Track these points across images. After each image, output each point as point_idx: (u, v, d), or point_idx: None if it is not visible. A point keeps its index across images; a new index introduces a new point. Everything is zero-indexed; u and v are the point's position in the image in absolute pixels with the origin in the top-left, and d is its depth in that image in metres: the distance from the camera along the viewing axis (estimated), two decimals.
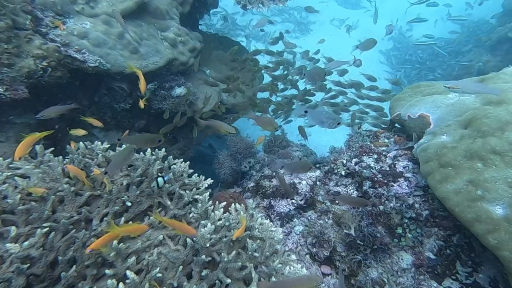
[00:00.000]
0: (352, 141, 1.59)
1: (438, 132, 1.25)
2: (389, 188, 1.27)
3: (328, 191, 1.43)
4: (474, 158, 1.09)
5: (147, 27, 2.22)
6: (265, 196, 1.52)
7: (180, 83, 2.45)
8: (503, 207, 0.92)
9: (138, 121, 2.63)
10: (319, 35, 8.52)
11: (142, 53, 2.12)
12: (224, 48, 3.49)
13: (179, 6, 2.43)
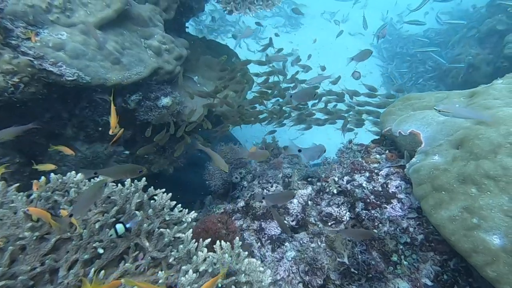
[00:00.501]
0: (343, 157, 1.55)
1: (429, 152, 1.22)
2: (382, 210, 1.24)
3: (321, 212, 1.38)
4: (468, 183, 1.06)
5: (129, 36, 2.11)
6: (255, 217, 1.47)
7: (166, 92, 2.35)
8: (500, 236, 0.90)
9: (124, 132, 2.53)
10: (310, 29, 8.43)
11: (124, 64, 2.01)
12: (212, 52, 3.40)
13: (163, 12, 2.32)
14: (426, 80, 6.07)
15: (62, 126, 2.19)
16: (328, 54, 7.34)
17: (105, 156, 2.50)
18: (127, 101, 2.24)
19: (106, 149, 2.51)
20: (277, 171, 2.04)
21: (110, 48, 1.93)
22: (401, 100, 1.54)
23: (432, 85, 5.86)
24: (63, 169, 2.36)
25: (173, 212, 1.23)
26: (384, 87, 6.72)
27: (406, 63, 6.79)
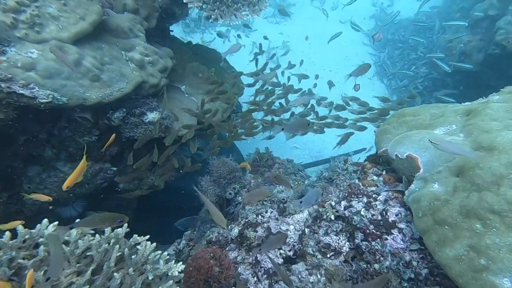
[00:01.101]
0: (340, 180, 1.48)
1: (429, 179, 1.17)
2: (383, 242, 1.18)
3: (319, 241, 1.32)
4: (471, 217, 1.00)
5: (108, 49, 1.97)
6: (250, 249, 1.39)
7: (152, 107, 2.23)
8: (511, 280, 0.85)
9: (110, 149, 2.40)
10: (300, 19, 8.20)
11: (105, 80, 1.88)
12: (200, 58, 3.26)
13: (143, 21, 2.18)
14: (418, 67, 5.95)
15: (41, 148, 2.05)
16: (320, 45, 7.14)
17: (90, 175, 2.37)
18: (111, 118, 2.11)
19: (91, 167, 2.38)
20: (272, 187, 1.97)
21: (88, 65, 1.79)
22: (395, 117, 1.47)
23: (424, 72, 5.80)
24: (45, 191, 2.23)
25: (159, 264, 1.12)
26: (377, 76, 6.57)
27: (398, 50, 6.65)
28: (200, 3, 2.09)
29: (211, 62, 3.49)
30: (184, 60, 2.96)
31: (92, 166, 2.37)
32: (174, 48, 2.94)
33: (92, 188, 2.42)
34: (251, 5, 2.25)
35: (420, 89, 5.74)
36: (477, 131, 1.19)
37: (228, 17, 2.14)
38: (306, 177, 2.50)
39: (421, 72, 5.90)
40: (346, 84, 5.91)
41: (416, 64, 6.06)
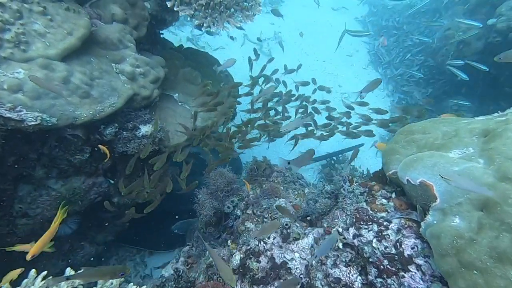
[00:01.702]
0: (346, 203, 1.44)
1: (448, 211, 1.07)
2: (400, 280, 1.12)
3: (327, 274, 1.28)
4: (504, 262, 0.89)
5: (97, 63, 1.89)
6: (253, 281, 1.35)
7: (145, 119, 2.17)
8: None
9: (102, 162, 2.33)
10: (292, 6, 7.86)
11: (95, 97, 1.81)
12: (192, 62, 3.19)
13: (133, 31, 2.10)
14: (414, 55, 5.72)
15: (31, 167, 1.98)
16: (313, 34, 6.86)
17: (83, 190, 2.31)
18: (103, 132, 2.04)
19: (84, 182, 2.32)
20: (272, 200, 1.95)
21: (77, 82, 1.72)
22: (402, 134, 1.39)
23: (420, 59, 5.53)
24: (37, 211, 2.16)
25: None
26: (372, 65, 6.31)
27: (393, 37, 6.33)
28: (191, 11, 2.03)
29: (204, 66, 3.41)
30: (176, 66, 2.89)
31: (85, 181, 2.31)
32: (165, 54, 2.86)
33: (86, 204, 2.36)
34: (244, 10, 2.20)
35: (416, 78, 5.50)
36: (499, 158, 1.08)
37: (221, 25, 2.08)
38: (306, 185, 2.49)
39: (417, 60, 5.65)
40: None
41: (412, 52, 5.80)
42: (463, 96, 4.59)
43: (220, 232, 2.25)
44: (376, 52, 6.31)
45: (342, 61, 6.32)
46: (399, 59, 5.98)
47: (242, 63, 4.44)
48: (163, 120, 2.39)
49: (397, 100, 5.58)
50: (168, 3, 2.04)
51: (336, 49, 5.62)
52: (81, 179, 2.29)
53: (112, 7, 1.96)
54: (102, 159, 2.31)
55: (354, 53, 6.54)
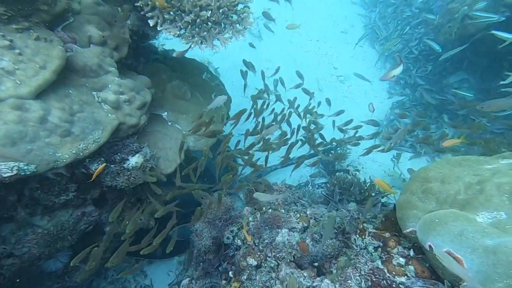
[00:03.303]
0: (359, 262, 1.33)
1: None
2: None
3: None
4: None
5: (77, 94, 1.72)
6: None
7: (133, 149, 2.02)
8: None
9: (91, 192, 2.19)
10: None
11: (77, 134, 1.65)
12: (179, 73, 3.00)
13: (113, 52, 1.91)
14: (413, 27, 5.30)
15: (11, 209, 1.82)
16: (304, 10, 6.31)
17: (72, 224, 2.17)
18: (88, 167, 1.89)
19: (72, 215, 2.18)
20: (274, 232, 1.88)
21: (55, 120, 1.55)
22: (418, 181, 1.27)
23: (420, 32, 5.14)
24: (23, 250, 2.02)
25: None
26: (369, 42, 5.86)
27: (391, 7, 5.76)
28: (177, 31, 1.85)
29: (193, 74, 3.23)
30: (163, 81, 2.71)
31: (73, 213, 2.17)
32: (150, 68, 2.67)
33: (76, 236, 2.24)
34: (234, 25, 2.03)
35: (415, 54, 5.10)
36: None
37: (210, 43, 1.92)
38: (309, 205, 2.42)
39: (416, 33, 5.21)
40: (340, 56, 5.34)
41: (411, 24, 5.34)
42: (464, 71, 4.35)
43: (220, 260, 2.18)
44: (373, 27, 5.74)
45: (337, 39, 5.90)
46: (397, 33, 5.47)
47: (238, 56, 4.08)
48: (152, 145, 2.24)
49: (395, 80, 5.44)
50: (150, 22, 1.86)
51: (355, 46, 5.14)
52: (68, 212, 2.14)
53: (88, 28, 1.76)
54: (90, 190, 2.17)
55: (349, 28, 6.03)
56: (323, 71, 5.45)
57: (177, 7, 1.84)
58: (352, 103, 5.17)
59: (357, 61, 5.61)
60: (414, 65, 5.12)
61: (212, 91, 3.20)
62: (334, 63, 5.61)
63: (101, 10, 1.76)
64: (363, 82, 5.28)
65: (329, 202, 3.24)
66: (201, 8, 1.86)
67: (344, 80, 5.37)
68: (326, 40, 5.91)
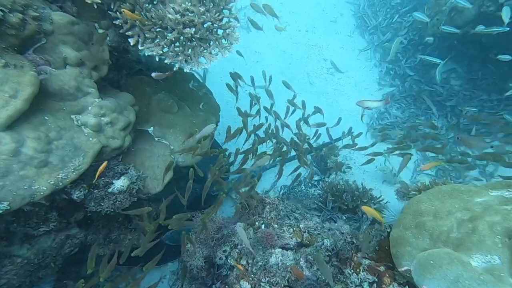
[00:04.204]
0: None
1: None
2: None
3: None
4: None
5: (54, 120, 1.61)
6: None
7: (118, 171, 1.94)
8: None
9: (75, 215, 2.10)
10: None
11: (55, 163, 1.55)
12: (164, 85, 2.89)
13: (92, 72, 1.81)
14: (402, 16, 5.26)
15: None
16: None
17: (55, 249, 2.08)
18: (70, 192, 1.80)
19: (55, 239, 2.08)
20: (268, 252, 1.84)
21: (30, 152, 1.45)
22: (411, 214, 1.25)
23: (408, 21, 5.08)
24: (1, 281, 1.92)
25: None
26: (358, 31, 5.72)
27: None
28: (159, 50, 1.76)
29: (179, 83, 3.12)
30: (147, 94, 2.60)
31: (56, 238, 2.08)
32: (133, 82, 2.55)
33: (60, 262, 2.15)
34: (220, 40, 1.95)
35: (404, 43, 5.03)
36: None
37: (196, 62, 1.84)
38: (302, 217, 2.40)
39: (405, 22, 5.15)
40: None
41: (400, 12, 5.27)
42: (452, 61, 4.36)
43: (213, 279, 2.14)
44: (362, 15, 5.65)
45: (326, 29, 5.77)
46: (386, 22, 5.42)
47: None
48: (139, 165, 2.16)
49: (385, 71, 5.21)
50: (131, 40, 1.76)
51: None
52: (50, 238, 2.05)
53: (63, 49, 1.65)
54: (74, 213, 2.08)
55: (338, 17, 5.88)
56: (313, 63, 5.35)
57: (159, 25, 1.75)
58: (342, 96, 5.12)
59: (346, 52, 5.51)
60: (403, 55, 5.06)
61: (200, 101, 3.10)
62: (324, 55, 5.49)
63: (77, 30, 1.65)
64: (353, 74, 5.27)
65: (322, 210, 3.25)
66: (184, 25, 1.77)
67: (334, 72, 5.31)
68: (315, 30, 5.75)
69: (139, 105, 2.42)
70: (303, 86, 5.20)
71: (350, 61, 5.40)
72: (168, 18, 1.72)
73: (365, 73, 5.30)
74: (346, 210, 3.12)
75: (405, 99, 4.85)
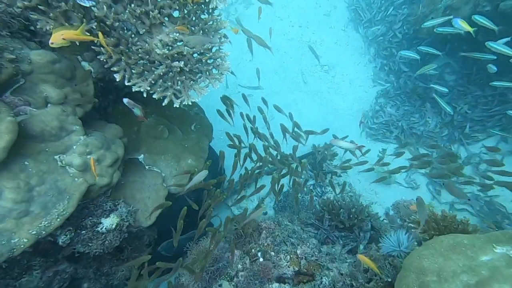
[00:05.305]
0: None
1: None
2: None
3: None
4: None
5: (35, 165, 1.53)
6: None
7: (106, 209, 1.86)
8: None
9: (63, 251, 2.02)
10: None
11: (37, 212, 1.47)
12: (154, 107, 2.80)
13: (76, 108, 1.72)
14: (397, 8, 5.06)
15: None
16: None
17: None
18: (56, 234, 1.72)
19: (42, 278, 2.00)
20: (266, 286, 1.79)
21: (9, 204, 1.37)
22: (413, 272, 1.11)
23: (404, 14, 4.89)
24: None
25: None
26: (352, 25, 5.52)
27: None
28: (147, 86, 1.68)
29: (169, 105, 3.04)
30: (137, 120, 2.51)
31: (43, 276, 1.99)
32: (121, 108, 2.46)
33: None
34: (210, 71, 1.88)
35: (399, 38, 4.85)
36: None
37: (186, 96, 1.77)
38: (299, 241, 2.35)
39: (400, 15, 4.94)
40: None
41: (395, 4, 5.08)
42: (446, 55, 4.21)
43: None
44: (356, 8, 5.43)
45: (320, 24, 5.58)
46: (381, 14, 5.18)
47: None
48: (130, 198, 2.08)
49: (379, 66, 5.06)
50: (117, 76, 1.68)
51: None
52: (38, 276, 1.96)
53: (44, 88, 1.56)
54: (61, 249, 2.00)
55: (331, 10, 5.67)
56: (307, 61, 5.21)
57: (146, 59, 1.67)
58: (337, 95, 5.03)
59: (340, 47, 5.37)
60: (398, 50, 4.84)
61: (191, 121, 3.02)
62: (318, 51, 5.23)
63: (58, 68, 1.57)
64: (347, 71, 5.16)
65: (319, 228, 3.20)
66: (173, 59, 1.70)
67: (328, 70, 5.19)
68: (308, 25, 5.56)
69: (128, 132, 2.34)
70: (297, 85, 5.11)
71: (344, 56, 5.29)
72: (155, 52, 1.64)
73: (359, 69, 5.18)
74: (343, 228, 3.09)
75: (400, 96, 4.75)
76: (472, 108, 4.29)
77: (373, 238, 2.87)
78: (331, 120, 4.78)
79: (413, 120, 4.57)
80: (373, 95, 4.94)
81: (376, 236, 2.82)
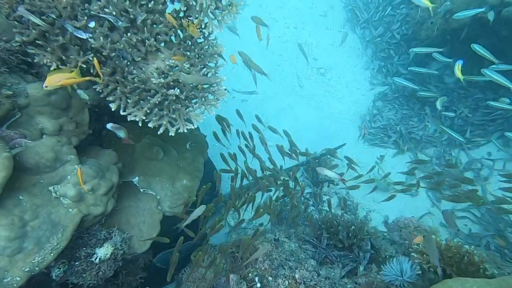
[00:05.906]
0: None
1: None
2: None
3: None
4: None
5: (29, 198, 1.51)
6: None
7: (101, 238, 1.84)
8: None
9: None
10: None
11: (30, 248, 1.45)
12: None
13: (72, 138, 1.71)
14: (395, 8, 4.90)
15: None
16: None
17: None
18: (50, 267, 1.68)
19: None
20: None
21: (2, 242, 1.35)
22: None
23: (402, 14, 4.79)
24: None
25: None
26: (349, 25, 5.39)
27: None
28: (142, 115, 1.69)
29: None
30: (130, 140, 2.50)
31: None
32: None
33: None
34: (206, 97, 1.90)
35: (397, 39, 4.74)
36: None
37: (181, 123, 1.78)
38: (297, 263, 2.35)
39: (398, 15, 4.80)
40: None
41: (393, 4, 4.93)
42: (445, 55, 4.03)
43: None
44: (353, 8, 5.27)
45: (316, 25, 5.42)
46: (379, 15, 5.02)
47: None
48: (124, 224, 2.06)
49: (377, 68, 4.93)
50: (112, 106, 1.68)
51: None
52: None
53: (40, 120, 1.56)
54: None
55: (328, 10, 5.48)
56: (302, 64, 5.05)
57: (142, 88, 1.68)
58: (333, 98, 4.92)
59: (337, 49, 5.24)
60: (396, 51, 4.79)
61: (187, 140, 3.02)
62: (314, 53, 5.21)
63: (54, 99, 1.56)
64: (344, 74, 5.06)
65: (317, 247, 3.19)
66: (168, 87, 1.71)
67: (324, 73, 5.09)
68: (304, 26, 5.39)
69: (123, 155, 2.33)
70: (293, 89, 5.00)
71: (341, 58, 5.18)
72: (150, 81, 1.66)
73: (356, 71, 5.07)
74: (341, 248, 3.07)
75: (398, 99, 4.62)
76: (472, 111, 4.10)
77: (373, 258, 2.84)
78: (328, 125, 4.67)
79: (412, 124, 4.45)
80: (371, 98, 4.83)
81: (376, 256, 2.81)
